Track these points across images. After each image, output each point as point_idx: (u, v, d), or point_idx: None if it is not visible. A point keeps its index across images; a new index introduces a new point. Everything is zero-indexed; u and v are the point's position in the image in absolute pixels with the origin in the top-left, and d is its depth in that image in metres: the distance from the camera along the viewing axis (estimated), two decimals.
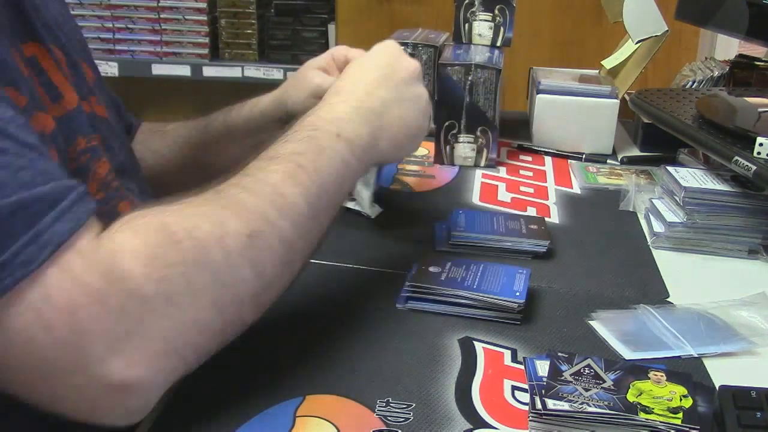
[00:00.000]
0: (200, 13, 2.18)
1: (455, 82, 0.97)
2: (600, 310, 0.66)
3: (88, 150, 0.64)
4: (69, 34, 0.70)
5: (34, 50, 0.61)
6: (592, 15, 1.86)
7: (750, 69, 1.16)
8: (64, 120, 0.62)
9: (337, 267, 0.73)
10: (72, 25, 0.73)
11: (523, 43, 1.83)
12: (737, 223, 0.78)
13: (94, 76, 0.73)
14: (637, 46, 1.11)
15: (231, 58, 2.18)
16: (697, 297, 0.69)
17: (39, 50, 0.62)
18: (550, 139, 1.09)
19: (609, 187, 0.97)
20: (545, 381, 0.54)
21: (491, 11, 1.06)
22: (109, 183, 0.66)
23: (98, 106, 0.70)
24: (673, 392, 0.53)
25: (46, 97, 0.60)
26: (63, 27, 0.69)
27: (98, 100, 0.71)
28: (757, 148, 0.77)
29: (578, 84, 1.10)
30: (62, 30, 0.68)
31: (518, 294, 0.65)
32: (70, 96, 0.64)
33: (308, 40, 2.15)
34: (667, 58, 1.71)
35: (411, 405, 0.54)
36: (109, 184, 0.66)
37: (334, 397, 0.54)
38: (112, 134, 0.71)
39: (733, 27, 0.89)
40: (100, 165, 0.65)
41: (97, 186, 0.64)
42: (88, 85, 0.69)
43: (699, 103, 0.94)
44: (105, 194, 0.65)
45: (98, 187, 0.64)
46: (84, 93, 0.67)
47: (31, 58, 0.61)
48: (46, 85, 0.61)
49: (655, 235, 0.81)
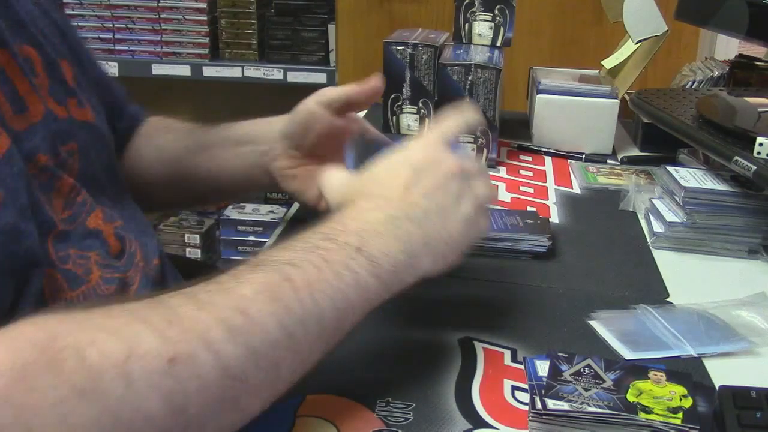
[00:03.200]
0: (200, 13, 2.18)
1: (455, 82, 0.97)
2: (600, 310, 0.66)
3: (48, 168, 0.59)
4: (47, 30, 0.66)
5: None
6: (592, 15, 1.86)
7: (750, 69, 1.16)
8: (25, 135, 0.58)
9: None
10: (52, 18, 0.69)
11: (523, 43, 1.83)
12: (737, 223, 0.78)
13: (78, 73, 0.69)
14: (637, 46, 1.11)
15: (231, 58, 2.18)
16: (697, 297, 0.69)
17: (3, 56, 0.58)
18: (550, 139, 1.09)
19: (609, 187, 0.97)
20: (545, 381, 0.54)
21: (491, 11, 1.06)
22: (74, 199, 0.62)
23: (79, 110, 0.66)
24: (673, 392, 0.53)
25: (8, 108, 0.57)
26: (38, 22, 0.65)
27: (80, 102, 0.67)
28: (757, 148, 0.77)
29: (578, 84, 1.10)
30: (37, 26, 0.64)
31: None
32: (35, 108, 0.60)
33: (308, 40, 2.14)
34: (667, 58, 1.71)
35: (411, 405, 0.54)
36: (74, 200, 0.62)
37: (334, 396, 0.54)
38: (92, 139, 0.68)
39: (733, 27, 0.89)
40: (62, 183, 0.61)
41: (62, 203, 0.61)
42: (68, 86, 0.66)
43: (699, 103, 0.94)
44: (71, 211, 0.61)
45: (63, 204, 0.61)
46: (61, 97, 0.64)
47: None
48: (11, 96, 0.57)
49: (655, 235, 0.81)
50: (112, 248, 0.65)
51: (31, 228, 0.54)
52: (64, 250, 0.60)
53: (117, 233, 0.67)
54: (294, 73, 2.10)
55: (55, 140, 0.61)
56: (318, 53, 2.13)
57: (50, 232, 0.59)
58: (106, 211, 0.67)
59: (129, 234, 0.69)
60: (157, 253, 0.73)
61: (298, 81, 2.10)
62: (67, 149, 0.63)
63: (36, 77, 0.62)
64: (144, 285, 0.67)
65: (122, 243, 0.67)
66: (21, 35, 0.61)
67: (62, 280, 0.59)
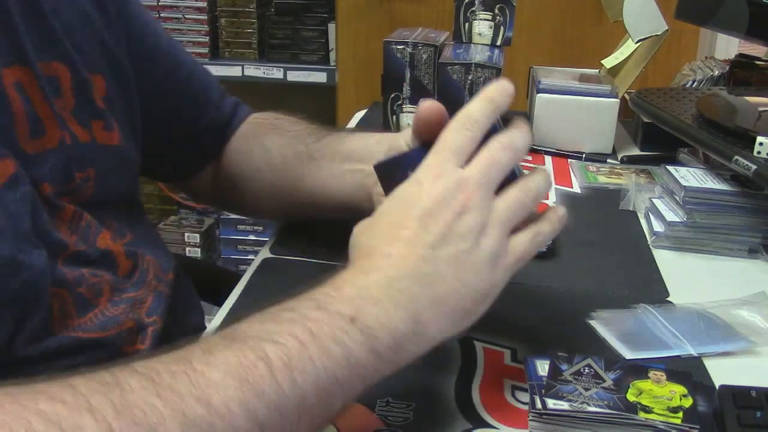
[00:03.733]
0: (200, 12, 2.18)
1: (455, 82, 0.97)
2: (600, 310, 0.66)
3: (49, 199, 0.58)
4: (85, 42, 0.63)
5: (19, 75, 0.56)
6: (592, 14, 1.86)
7: (750, 68, 1.16)
8: (36, 160, 0.57)
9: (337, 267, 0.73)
10: (94, 27, 0.65)
11: (523, 42, 1.83)
12: (737, 222, 0.78)
13: (113, 87, 0.66)
14: (637, 46, 1.11)
15: (231, 57, 2.18)
16: (697, 296, 0.69)
17: (25, 75, 0.57)
18: (550, 139, 1.09)
19: (609, 186, 0.97)
20: (545, 380, 0.54)
21: (491, 10, 1.05)
22: (77, 223, 0.61)
23: (104, 133, 0.64)
24: (673, 392, 0.53)
25: (26, 130, 0.56)
26: (76, 34, 0.62)
27: (107, 125, 0.64)
28: (757, 148, 0.77)
29: (578, 83, 1.10)
30: (74, 38, 0.62)
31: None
32: (52, 132, 0.58)
33: (308, 39, 2.14)
34: (667, 57, 1.71)
35: (411, 405, 0.54)
36: (77, 225, 0.61)
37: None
38: (114, 163, 0.65)
39: (733, 26, 0.89)
40: (64, 212, 0.60)
41: (66, 227, 0.60)
42: (96, 107, 0.63)
43: (699, 103, 0.94)
44: (77, 235, 0.60)
45: (68, 229, 0.60)
46: (85, 119, 0.62)
47: (17, 84, 0.56)
48: (30, 117, 0.56)
49: (655, 234, 0.81)
50: (122, 268, 0.65)
51: (33, 257, 0.54)
52: (77, 270, 0.59)
53: (128, 250, 0.65)
54: (294, 72, 2.10)
55: (71, 166, 0.60)
56: (318, 52, 2.13)
57: (61, 253, 0.58)
58: (115, 228, 0.66)
59: (141, 249, 0.67)
60: (171, 267, 0.72)
61: (298, 80, 2.10)
62: (82, 176, 0.62)
63: (60, 98, 0.60)
64: (156, 305, 0.67)
65: (134, 260, 0.66)
66: (51, 51, 0.59)
67: (71, 305, 0.59)
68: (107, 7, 0.67)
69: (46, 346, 0.56)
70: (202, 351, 0.41)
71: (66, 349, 0.58)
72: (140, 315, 0.65)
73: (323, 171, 0.73)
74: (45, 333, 0.56)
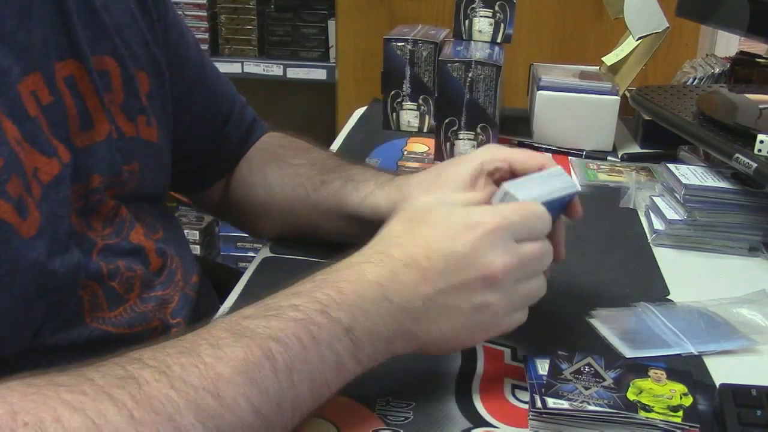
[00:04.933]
0: (200, 8, 2.17)
1: (455, 79, 0.97)
2: (600, 309, 0.66)
3: (97, 191, 0.60)
4: (133, 40, 0.65)
5: (72, 69, 0.58)
6: (592, 11, 1.85)
7: (751, 66, 1.16)
8: (85, 154, 0.58)
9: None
10: (139, 27, 0.66)
11: (524, 39, 1.83)
12: (738, 220, 0.78)
13: (154, 86, 0.67)
14: (637, 43, 1.11)
15: (230, 54, 2.17)
16: (697, 295, 0.69)
17: (78, 69, 0.58)
18: (551, 136, 1.09)
19: (609, 184, 0.97)
20: (545, 379, 0.54)
21: (491, 8, 1.05)
22: (113, 218, 0.62)
23: (147, 128, 0.65)
24: (673, 390, 0.53)
25: (77, 123, 0.57)
26: (125, 32, 0.64)
27: (149, 121, 0.65)
28: (758, 146, 0.77)
29: (579, 80, 1.09)
30: (123, 35, 0.63)
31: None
32: (101, 126, 0.60)
33: (308, 36, 2.14)
34: (668, 54, 1.71)
35: (411, 404, 0.54)
36: (113, 219, 0.62)
37: (334, 396, 0.54)
38: (154, 159, 0.67)
39: (734, 24, 0.89)
40: (105, 205, 0.61)
41: (101, 223, 0.61)
42: (141, 103, 0.65)
43: (700, 100, 0.94)
44: (111, 228, 0.62)
45: (102, 224, 0.61)
46: (132, 114, 0.63)
47: (69, 78, 0.57)
48: (81, 110, 0.58)
49: (656, 232, 0.81)
50: (152, 265, 0.65)
51: (66, 258, 0.54)
52: (113, 263, 0.60)
53: (158, 248, 0.66)
54: (294, 69, 2.09)
55: (119, 159, 0.61)
56: (318, 49, 2.12)
57: (92, 249, 0.59)
58: (148, 223, 0.67)
59: (170, 248, 0.68)
60: (195, 269, 0.72)
61: (298, 77, 2.10)
62: (129, 168, 0.63)
63: (110, 92, 0.61)
64: (181, 306, 0.67)
65: (164, 258, 0.67)
66: (103, 46, 0.61)
67: (103, 299, 0.59)
68: (150, 11, 0.68)
69: (75, 336, 0.57)
70: (210, 345, 0.44)
71: (95, 340, 0.59)
72: (166, 315, 0.66)
73: (328, 223, 0.74)
74: (74, 324, 0.58)
